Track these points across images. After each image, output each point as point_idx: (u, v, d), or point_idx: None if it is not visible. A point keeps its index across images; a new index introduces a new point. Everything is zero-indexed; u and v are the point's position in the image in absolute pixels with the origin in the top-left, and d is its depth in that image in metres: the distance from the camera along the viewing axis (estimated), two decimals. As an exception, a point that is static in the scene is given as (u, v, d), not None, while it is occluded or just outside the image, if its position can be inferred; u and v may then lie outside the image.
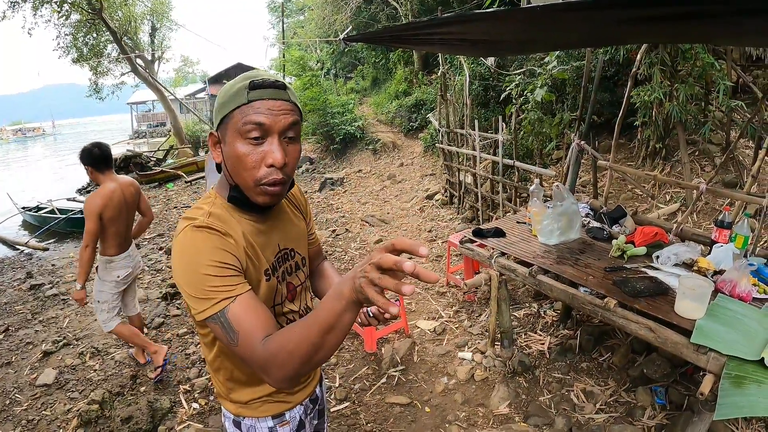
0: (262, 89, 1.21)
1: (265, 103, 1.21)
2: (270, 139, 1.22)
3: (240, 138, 1.22)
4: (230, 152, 1.25)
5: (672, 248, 3.04)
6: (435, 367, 3.99)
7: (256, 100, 1.20)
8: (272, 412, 1.55)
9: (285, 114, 1.23)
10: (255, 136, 1.21)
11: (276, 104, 1.22)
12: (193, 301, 1.19)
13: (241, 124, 1.20)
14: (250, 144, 1.22)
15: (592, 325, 4.03)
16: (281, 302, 1.45)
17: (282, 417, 1.57)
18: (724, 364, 2.11)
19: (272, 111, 1.21)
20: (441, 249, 6.50)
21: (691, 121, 5.70)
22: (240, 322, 1.14)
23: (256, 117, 1.19)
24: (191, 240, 1.21)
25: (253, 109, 1.20)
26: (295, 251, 1.54)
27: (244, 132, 1.21)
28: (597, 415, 3.21)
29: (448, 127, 8.15)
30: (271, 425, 1.56)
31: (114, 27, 23.29)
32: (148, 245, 8.81)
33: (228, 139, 1.25)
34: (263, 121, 1.20)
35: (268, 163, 1.22)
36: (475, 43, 3.45)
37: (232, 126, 1.23)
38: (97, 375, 4.35)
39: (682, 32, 2.69)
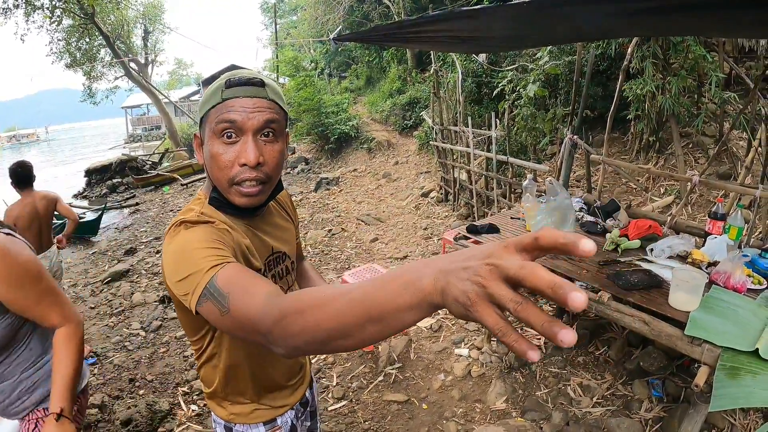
0: (236, 87, 1.17)
1: (239, 101, 1.17)
2: (244, 137, 1.18)
3: (215, 137, 1.19)
4: (207, 152, 1.22)
5: (666, 241, 3.05)
6: (432, 364, 3.99)
7: (231, 98, 1.17)
8: (264, 419, 1.54)
9: (260, 111, 1.18)
10: (229, 134, 1.17)
11: (251, 102, 1.17)
12: (184, 285, 1.07)
13: (215, 123, 1.17)
14: (224, 143, 1.18)
15: (588, 319, 4.03)
16: None
17: (273, 423, 1.57)
18: (719, 355, 2.10)
19: (246, 109, 1.17)
20: (437, 246, 6.51)
21: (684, 114, 5.71)
22: (230, 286, 0.99)
23: (229, 115, 1.16)
24: (182, 237, 1.16)
25: (227, 108, 1.16)
26: (286, 255, 1.52)
27: (218, 131, 1.17)
28: (594, 408, 3.22)
29: (442, 124, 8.16)
30: (263, 431, 1.55)
31: (107, 31, 23.26)
32: (145, 249, 8.80)
33: (206, 139, 1.22)
34: (235, 119, 1.16)
35: (241, 161, 1.17)
36: (465, 40, 3.45)
37: (208, 125, 1.20)
38: (96, 379, 4.35)
39: (672, 25, 2.70)
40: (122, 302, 6.12)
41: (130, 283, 6.87)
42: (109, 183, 17.26)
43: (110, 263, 8.08)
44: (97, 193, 16.90)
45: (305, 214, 9.57)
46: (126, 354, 4.75)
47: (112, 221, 11.82)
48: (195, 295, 1.03)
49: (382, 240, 7.44)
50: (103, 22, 23.46)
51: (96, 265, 8.18)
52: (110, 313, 5.85)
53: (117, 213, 12.96)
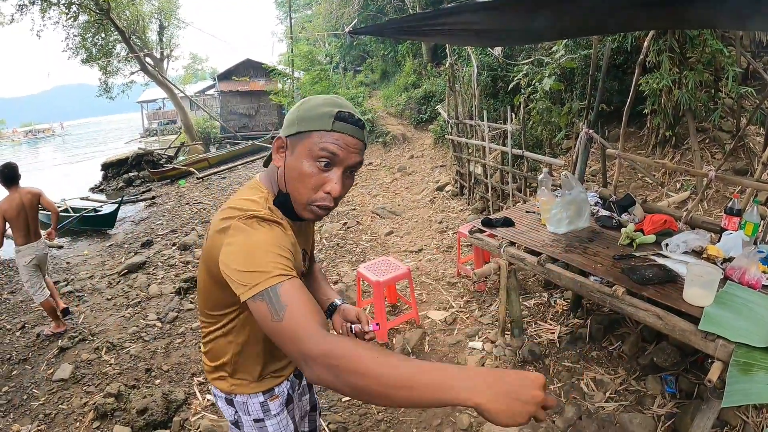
0: (346, 123, 1.29)
1: (344, 138, 1.29)
2: (336, 169, 1.31)
3: (310, 158, 1.29)
4: (295, 165, 1.32)
5: (681, 236, 3.04)
6: (446, 356, 4.01)
7: (338, 131, 1.28)
8: (263, 388, 1.65)
9: (356, 153, 1.33)
10: (325, 162, 1.29)
11: (353, 141, 1.31)
12: (246, 277, 1.17)
13: (317, 148, 1.28)
14: (317, 167, 1.29)
15: (602, 314, 4.03)
16: None
17: (272, 392, 1.68)
18: (732, 351, 2.11)
19: (348, 147, 1.30)
20: (452, 240, 6.52)
21: (701, 109, 5.66)
22: (290, 299, 1.12)
23: (333, 147, 1.27)
24: (257, 234, 1.25)
25: (332, 139, 1.28)
26: (306, 253, 1.66)
27: (317, 155, 1.28)
28: (607, 403, 3.22)
29: (457, 118, 8.15)
30: (261, 400, 1.66)
31: (122, 26, 23.40)
32: (162, 241, 8.89)
33: (297, 152, 1.32)
34: (338, 153, 1.28)
35: (326, 190, 1.30)
36: (480, 33, 3.46)
37: (307, 143, 1.29)
38: (112, 369, 4.43)
39: (688, 17, 2.69)
40: (139, 294, 6.21)
41: (147, 275, 6.96)
42: (125, 177, 17.44)
43: (127, 255, 8.18)
44: (113, 186, 17.08)
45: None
46: (142, 345, 4.82)
47: (128, 214, 11.94)
48: (252, 290, 1.15)
49: (397, 233, 7.46)
50: (119, 17, 23.60)
51: (113, 257, 8.28)
52: (127, 304, 5.94)
53: (132, 206, 13.08)
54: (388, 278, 4.28)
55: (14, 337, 5.35)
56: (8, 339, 5.33)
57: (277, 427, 1.71)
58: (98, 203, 13.17)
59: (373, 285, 4.23)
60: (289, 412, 1.75)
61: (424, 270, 5.75)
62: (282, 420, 1.72)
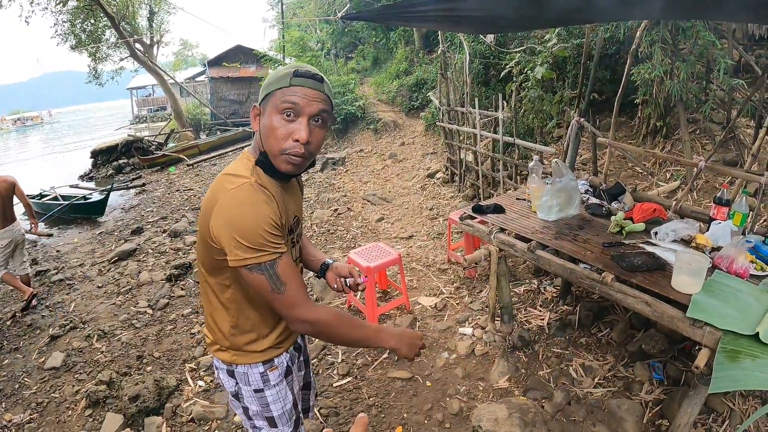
0: (303, 78, 1.46)
1: (302, 90, 1.45)
2: (300, 119, 1.46)
3: (276, 113, 1.46)
4: (266, 123, 1.48)
5: (670, 224, 3.07)
6: (436, 342, 4.03)
7: (297, 85, 1.45)
8: (263, 359, 1.76)
9: (317, 101, 1.47)
10: (288, 113, 1.45)
11: (311, 92, 1.46)
12: (243, 249, 1.41)
13: (280, 102, 1.44)
14: (284, 119, 1.46)
15: (591, 301, 4.06)
16: (295, 260, 1.73)
17: (271, 362, 1.79)
18: (720, 338, 2.14)
19: (307, 96, 1.45)
20: (442, 226, 6.53)
21: (692, 100, 5.68)
22: (288, 277, 1.47)
23: (293, 98, 1.44)
24: (251, 196, 1.44)
25: (292, 92, 1.44)
26: (299, 219, 1.79)
27: (281, 108, 1.45)
28: (595, 389, 3.26)
29: (449, 105, 8.14)
30: (261, 370, 1.77)
31: (111, 12, 23.11)
32: (152, 228, 8.88)
33: (266, 112, 1.49)
34: (297, 102, 1.44)
35: (295, 137, 1.45)
36: (473, 20, 3.45)
37: (272, 102, 1.47)
38: (104, 356, 4.43)
39: (678, 8, 2.69)
40: (129, 281, 6.19)
41: (137, 262, 6.94)
42: (115, 164, 17.33)
43: (117, 243, 8.16)
44: (103, 174, 16.97)
45: (311, 193, 9.61)
46: (133, 332, 4.82)
47: (117, 202, 11.89)
48: (248, 261, 1.43)
49: (388, 220, 7.47)
50: (108, 3, 23.32)
51: (103, 245, 8.26)
52: (117, 291, 5.93)
53: (121, 194, 13.01)
54: (379, 264, 4.29)
55: (4, 326, 5.32)
56: (-2, 329, 5.31)
57: (276, 397, 1.82)
58: (88, 191, 13.10)
59: (363, 271, 4.24)
60: (288, 383, 1.85)
61: (414, 256, 5.76)
62: (281, 390, 1.83)
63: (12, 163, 23.36)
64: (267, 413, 1.83)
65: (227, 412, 3.43)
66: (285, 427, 1.87)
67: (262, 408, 1.82)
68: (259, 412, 1.83)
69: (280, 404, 1.84)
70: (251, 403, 1.82)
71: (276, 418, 1.84)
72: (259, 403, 1.81)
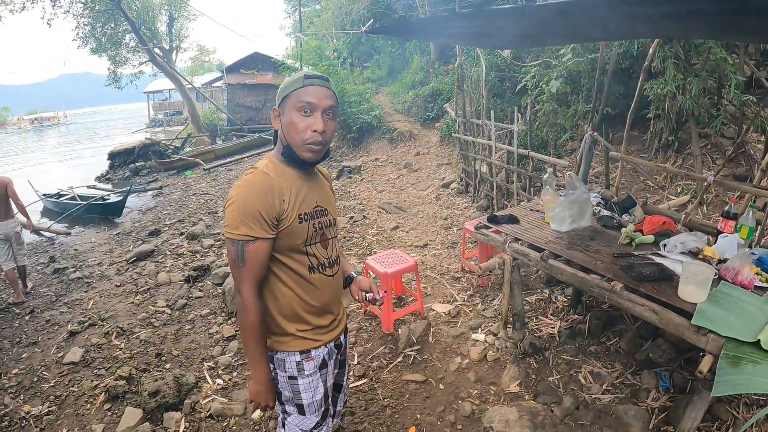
0: (313, 79, 1.78)
1: (314, 89, 1.76)
2: (316, 113, 1.77)
3: (295, 110, 1.76)
4: (287, 120, 1.79)
5: (679, 237, 3.15)
6: (449, 347, 4.14)
7: (309, 86, 1.76)
8: (300, 348, 1.95)
9: (327, 98, 1.79)
10: (306, 110, 1.76)
11: (322, 90, 1.78)
12: (229, 222, 1.75)
13: (297, 101, 1.76)
14: (302, 115, 1.76)
15: (601, 311, 4.15)
16: (311, 243, 1.90)
17: (308, 353, 1.97)
18: (723, 345, 2.23)
19: (318, 94, 1.76)
20: (456, 236, 6.64)
21: (704, 115, 5.76)
22: (250, 260, 1.75)
23: (307, 97, 1.75)
24: (251, 180, 1.77)
25: (306, 92, 1.75)
26: (328, 211, 2.01)
27: (299, 107, 1.76)
28: (603, 395, 3.35)
29: (465, 117, 8.27)
30: (298, 360, 1.95)
31: (132, 17, 23.48)
32: (169, 231, 9.07)
33: (286, 112, 1.79)
34: (312, 101, 1.75)
35: (313, 128, 1.76)
36: (489, 36, 3.56)
37: (290, 102, 1.78)
38: (122, 353, 4.56)
39: (690, 29, 2.80)
40: (147, 281, 6.36)
41: (155, 263, 7.11)
42: (132, 166, 17.57)
43: (135, 244, 8.35)
44: (120, 176, 17.22)
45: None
46: (152, 330, 4.95)
47: (135, 204, 12.11)
48: (229, 235, 1.75)
49: (403, 228, 7.57)
50: (129, 7, 23.70)
51: (120, 245, 8.44)
52: (136, 291, 6.09)
53: (137, 196, 13.23)
54: (396, 270, 4.40)
55: (23, 321, 5.50)
56: (17, 323, 5.48)
57: (308, 386, 1.98)
58: (105, 192, 13.33)
59: (380, 276, 4.36)
60: (321, 375, 2.00)
61: (428, 264, 5.87)
62: (313, 381, 1.98)
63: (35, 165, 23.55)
64: (297, 400, 1.98)
65: (245, 410, 3.55)
66: (312, 416, 2.01)
67: (294, 395, 1.97)
68: (290, 399, 1.98)
69: (310, 393, 1.98)
70: (284, 389, 1.98)
71: (305, 406, 1.98)
72: (291, 390, 1.97)
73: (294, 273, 1.89)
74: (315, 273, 1.93)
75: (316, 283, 1.94)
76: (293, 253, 1.87)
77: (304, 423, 2.01)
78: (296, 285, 1.91)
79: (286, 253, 1.86)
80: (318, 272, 1.94)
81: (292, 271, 1.89)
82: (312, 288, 1.94)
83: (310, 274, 1.92)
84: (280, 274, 1.89)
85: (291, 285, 1.90)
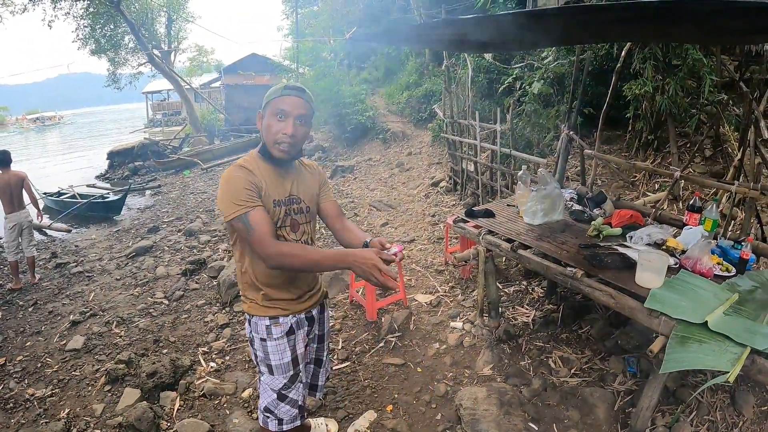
0: (291, 90, 2.06)
1: (290, 99, 2.05)
2: (288, 120, 2.04)
3: (272, 115, 2.05)
4: (265, 123, 2.08)
5: (645, 229, 3.34)
6: (429, 334, 4.34)
7: (286, 96, 2.05)
8: (270, 314, 2.24)
9: (300, 107, 2.07)
10: (281, 116, 2.04)
11: (296, 100, 2.06)
12: (226, 207, 1.98)
13: (275, 108, 2.04)
14: (277, 120, 2.05)
15: (573, 301, 4.36)
16: (281, 226, 2.17)
17: (276, 319, 2.25)
18: (673, 326, 2.41)
19: (293, 103, 2.05)
20: (442, 232, 6.82)
21: (681, 114, 5.95)
22: (255, 223, 1.96)
23: (283, 105, 2.04)
24: (232, 172, 2.05)
25: (282, 101, 2.04)
26: (301, 200, 2.27)
27: (276, 112, 2.04)
28: (571, 378, 3.54)
29: (452, 117, 8.49)
30: (267, 324, 2.25)
31: (131, 18, 23.65)
32: (167, 228, 9.27)
33: (266, 115, 2.08)
34: (286, 108, 2.04)
35: (283, 131, 2.04)
36: (473, 43, 3.75)
37: (270, 108, 2.06)
38: (122, 341, 4.78)
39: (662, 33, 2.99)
40: (146, 275, 6.57)
41: (154, 258, 7.32)
42: (131, 166, 17.74)
43: (134, 240, 8.54)
44: (119, 175, 17.39)
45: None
46: (150, 320, 5.16)
47: (134, 202, 12.32)
48: (232, 216, 1.97)
49: (392, 225, 7.79)
50: (128, 9, 23.87)
51: (120, 241, 8.64)
52: (135, 284, 6.30)
53: (137, 194, 13.46)
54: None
55: (27, 312, 5.70)
56: (21, 314, 5.68)
57: (276, 349, 2.27)
58: (105, 191, 13.51)
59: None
60: (289, 341, 2.28)
61: (414, 258, 6.08)
62: (281, 345, 2.27)
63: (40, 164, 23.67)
64: (267, 361, 2.28)
65: (236, 389, 3.77)
66: (280, 377, 2.29)
67: (264, 356, 2.28)
68: (262, 359, 2.28)
69: (278, 356, 2.27)
70: (258, 350, 2.29)
71: (273, 367, 2.28)
72: (263, 351, 2.28)
73: None
74: None
75: None
76: None
77: (273, 382, 2.29)
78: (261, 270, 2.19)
79: None
80: None
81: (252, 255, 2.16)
82: None
83: None
84: (244, 257, 2.20)
85: (258, 260, 2.13)
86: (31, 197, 6.84)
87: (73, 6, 22.94)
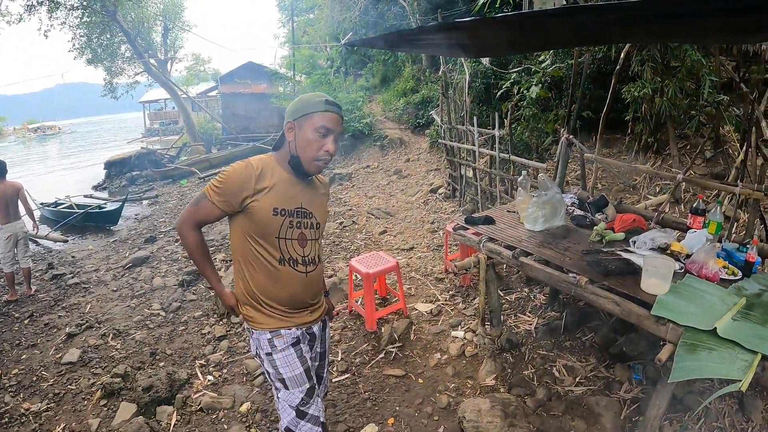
0: (332, 106, 2.06)
1: (332, 115, 2.05)
2: (330, 137, 2.05)
3: (313, 130, 2.02)
4: (303, 136, 2.04)
5: (649, 234, 3.27)
6: (430, 344, 4.27)
7: (329, 111, 2.04)
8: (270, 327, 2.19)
9: (340, 124, 2.09)
10: (324, 133, 2.03)
11: (337, 117, 2.07)
12: (211, 183, 2.05)
13: (317, 123, 2.02)
14: (319, 136, 2.02)
15: (577, 308, 4.29)
16: (285, 237, 2.12)
17: (277, 332, 2.19)
18: (681, 333, 2.34)
19: (335, 121, 2.06)
20: (441, 239, 6.76)
21: (681, 116, 5.90)
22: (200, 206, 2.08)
23: (327, 122, 2.03)
24: (238, 169, 2.03)
25: (325, 117, 2.03)
26: (313, 214, 2.22)
27: (318, 128, 2.02)
28: (576, 387, 3.48)
29: (450, 123, 8.43)
30: (269, 337, 2.19)
31: (127, 28, 23.66)
32: (164, 238, 9.20)
33: (304, 128, 2.04)
34: (330, 126, 2.04)
35: (326, 149, 2.05)
36: (467, 47, 3.71)
37: (309, 122, 2.03)
38: (119, 353, 4.71)
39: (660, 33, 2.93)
40: (143, 286, 6.51)
41: (151, 268, 7.25)
42: (128, 175, 17.71)
43: (131, 250, 8.47)
44: (116, 185, 17.34)
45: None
46: (147, 331, 5.10)
47: (131, 212, 12.24)
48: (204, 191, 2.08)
49: (391, 232, 7.72)
50: (124, 18, 23.87)
51: (117, 252, 8.58)
52: (131, 295, 6.23)
53: (135, 204, 13.37)
54: (378, 270, 4.54)
55: (23, 325, 5.62)
56: (17, 326, 5.60)
57: (284, 361, 2.19)
58: (102, 201, 13.45)
59: (363, 276, 4.50)
60: (296, 351, 2.20)
61: (414, 266, 6.01)
62: (288, 356, 2.19)
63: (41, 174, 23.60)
64: (279, 375, 2.18)
65: (234, 403, 3.69)
66: (296, 391, 2.19)
67: (275, 371, 2.19)
68: (274, 375, 2.20)
69: (288, 368, 2.18)
70: (268, 367, 2.21)
71: (287, 380, 2.18)
72: (272, 366, 2.19)
73: (265, 261, 2.12)
74: (285, 265, 2.13)
75: (284, 274, 2.14)
76: (266, 243, 2.10)
77: (290, 398, 2.19)
78: (265, 272, 2.14)
79: (260, 242, 2.10)
80: (288, 265, 2.14)
81: (264, 258, 2.12)
82: (279, 277, 2.14)
83: (280, 265, 2.12)
84: (253, 260, 2.13)
85: (261, 271, 2.13)
86: (27, 208, 6.76)
87: (69, 15, 22.91)
